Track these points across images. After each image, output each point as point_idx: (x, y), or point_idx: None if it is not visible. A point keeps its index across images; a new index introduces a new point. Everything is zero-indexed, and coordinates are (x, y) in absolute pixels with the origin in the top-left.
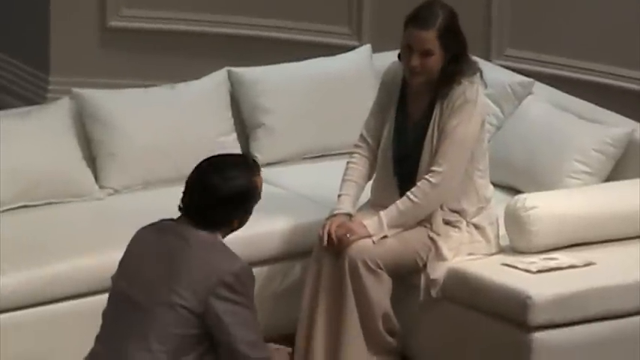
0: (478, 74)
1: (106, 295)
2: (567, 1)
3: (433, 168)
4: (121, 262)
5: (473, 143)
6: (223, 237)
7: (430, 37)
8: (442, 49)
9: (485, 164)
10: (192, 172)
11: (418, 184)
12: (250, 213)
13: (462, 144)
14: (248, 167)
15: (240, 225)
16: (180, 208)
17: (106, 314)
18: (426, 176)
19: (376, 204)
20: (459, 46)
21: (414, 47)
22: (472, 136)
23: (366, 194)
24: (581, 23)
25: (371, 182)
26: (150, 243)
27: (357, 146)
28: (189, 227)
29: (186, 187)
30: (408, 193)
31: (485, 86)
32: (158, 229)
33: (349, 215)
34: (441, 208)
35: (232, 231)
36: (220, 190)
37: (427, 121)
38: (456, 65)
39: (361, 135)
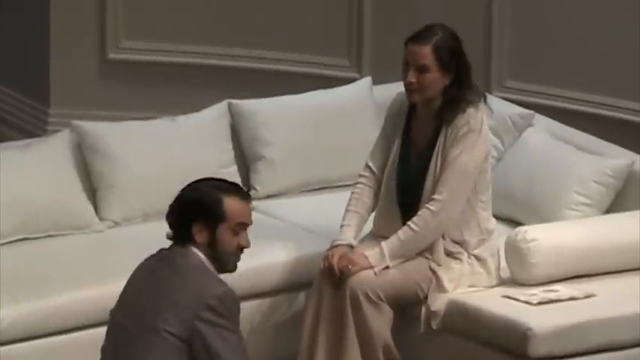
0: (482, 100)
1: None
2: (567, 33)
3: (434, 196)
4: (120, 296)
5: (475, 173)
6: (206, 254)
7: (425, 52)
8: (439, 66)
9: (489, 196)
10: None
11: (419, 212)
12: (214, 230)
13: (464, 173)
14: (224, 186)
15: (210, 245)
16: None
17: (104, 349)
18: (427, 205)
19: (379, 234)
20: (460, 68)
21: (410, 62)
22: (474, 166)
23: (369, 225)
24: (581, 55)
25: (374, 213)
26: (144, 273)
27: (362, 176)
28: (177, 250)
29: None
30: (409, 222)
31: (491, 112)
32: (157, 259)
33: (350, 246)
34: (443, 237)
35: (211, 257)
36: (180, 198)
37: (431, 150)
38: (458, 89)
39: (366, 164)
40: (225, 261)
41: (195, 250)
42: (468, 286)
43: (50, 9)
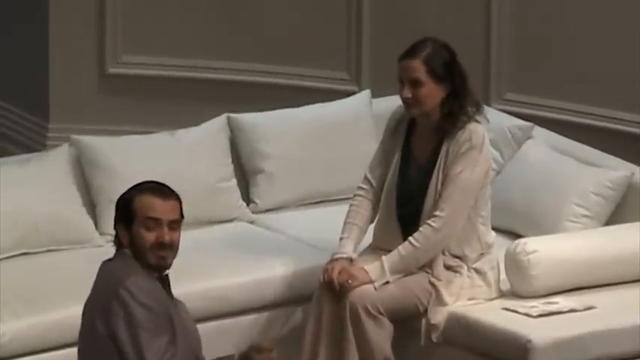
0: (478, 110)
1: None
2: (566, 45)
3: (436, 213)
4: None
5: (476, 189)
6: (135, 258)
7: (416, 66)
8: (432, 79)
9: (488, 211)
10: None
11: (420, 228)
12: (130, 229)
13: (465, 190)
14: (141, 186)
15: (132, 244)
16: None
17: None
18: (428, 221)
19: (378, 247)
20: (455, 79)
21: (404, 78)
22: (476, 183)
23: (368, 237)
24: (580, 67)
25: (373, 225)
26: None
27: (360, 188)
28: (114, 254)
29: None
30: (410, 238)
31: (488, 122)
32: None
33: (350, 259)
34: (443, 252)
35: (136, 256)
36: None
37: (432, 166)
38: (455, 101)
39: (365, 177)
40: (146, 257)
41: (125, 251)
42: (468, 299)
43: (50, 24)
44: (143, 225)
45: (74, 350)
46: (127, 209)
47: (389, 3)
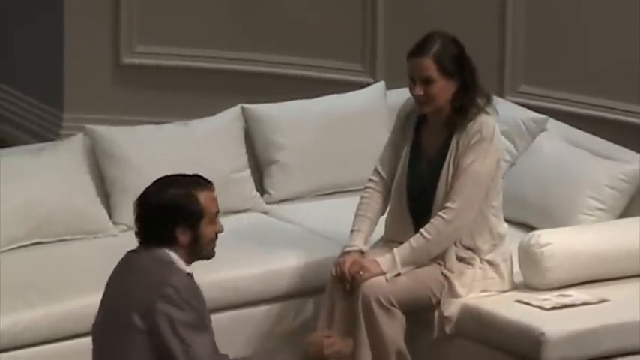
0: (488, 102)
1: None
2: (581, 37)
3: (447, 205)
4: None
5: (488, 181)
6: (185, 259)
7: (427, 64)
8: (443, 75)
9: (499, 202)
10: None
11: (432, 221)
12: (196, 230)
13: (477, 181)
14: (190, 182)
15: (194, 246)
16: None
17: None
18: (440, 213)
19: (390, 240)
20: (464, 73)
21: (414, 76)
22: (487, 174)
23: (380, 229)
24: (595, 60)
25: (384, 217)
26: (115, 275)
27: (371, 180)
28: (141, 251)
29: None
30: (422, 230)
31: (497, 113)
32: (123, 259)
33: (361, 252)
34: (455, 244)
35: (190, 254)
36: (153, 201)
37: (443, 158)
38: (466, 94)
39: (375, 169)
40: (203, 251)
41: (165, 250)
42: (480, 290)
43: (64, 14)
44: (210, 221)
45: (88, 340)
46: (196, 209)
47: None
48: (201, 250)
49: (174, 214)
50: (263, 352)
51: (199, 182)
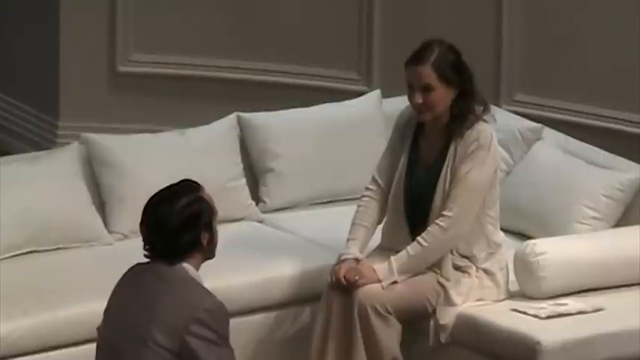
0: (485, 109)
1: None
2: (577, 46)
3: (444, 212)
4: (105, 312)
5: (485, 189)
6: (197, 265)
7: (426, 72)
8: (443, 83)
9: (496, 210)
10: (142, 215)
11: (429, 228)
12: (212, 229)
13: (474, 189)
14: (189, 187)
15: (210, 244)
16: (146, 253)
17: None
18: (437, 221)
19: (387, 247)
20: (463, 80)
21: (414, 84)
22: (485, 182)
23: (376, 238)
24: (590, 69)
25: (381, 226)
26: (131, 288)
27: (368, 189)
28: (161, 266)
29: (142, 231)
30: (419, 237)
31: (494, 120)
32: (132, 272)
33: (357, 260)
34: (451, 252)
35: (205, 255)
36: (173, 217)
37: (440, 165)
38: (464, 102)
39: (373, 177)
40: (213, 253)
41: (183, 264)
42: (476, 299)
43: (60, 22)
44: (215, 221)
45: (84, 348)
46: (208, 209)
47: (400, 3)
48: (214, 248)
49: (197, 221)
50: None
51: (194, 185)
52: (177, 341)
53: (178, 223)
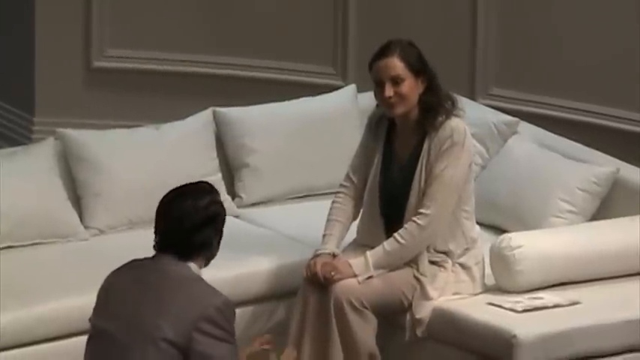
0: (453, 104)
1: None
2: (552, 40)
3: (421, 210)
4: (99, 306)
5: (461, 185)
6: (203, 266)
7: (394, 63)
8: (412, 73)
9: (472, 205)
10: (160, 207)
11: (405, 225)
12: (221, 235)
13: (450, 186)
14: (210, 189)
15: (215, 250)
16: (156, 246)
17: (88, 357)
18: (414, 218)
19: (362, 244)
20: (429, 74)
21: (383, 77)
22: (460, 179)
23: (351, 233)
24: (566, 63)
25: (357, 222)
26: (129, 282)
27: (342, 186)
28: (169, 262)
29: (159, 222)
30: (395, 234)
31: (464, 113)
32: (132, 267)
33: (333, 255)
34: (427, 249)
35: (207, 259)
36: (196, 215)
37: (414, 163)
38: (431, 96)
39: (347, 174)
40: (213, 257)
41: (189, 264)
42: (452, 293)
43: (35, 17)
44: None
45: (62, 343)
46: (224, 212)
47: None
48: (214, 257)
49: (214, 222)
50: None
51: (214, 189)
52: (186, 338)
53: (200, 219)
